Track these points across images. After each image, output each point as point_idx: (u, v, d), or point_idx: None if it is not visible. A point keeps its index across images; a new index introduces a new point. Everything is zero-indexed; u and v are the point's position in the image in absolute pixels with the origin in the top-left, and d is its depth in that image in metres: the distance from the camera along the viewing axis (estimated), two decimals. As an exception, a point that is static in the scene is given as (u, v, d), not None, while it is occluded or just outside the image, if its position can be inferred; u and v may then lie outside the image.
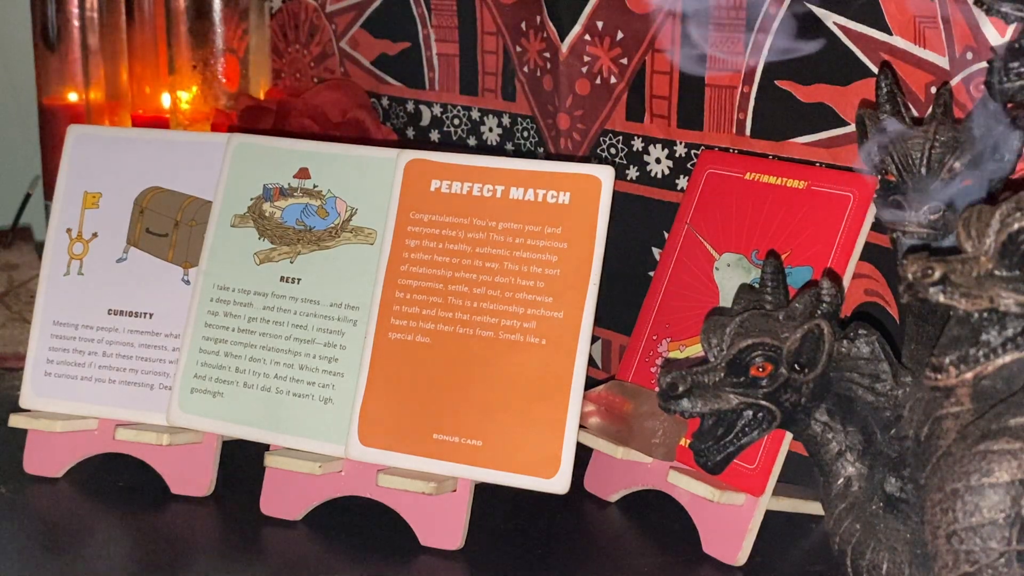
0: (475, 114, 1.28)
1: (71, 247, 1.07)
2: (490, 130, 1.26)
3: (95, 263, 1.06)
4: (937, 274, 0.68)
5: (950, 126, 0.82)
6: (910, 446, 0.76)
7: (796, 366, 0.79)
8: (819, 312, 0.81)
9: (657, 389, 0.81)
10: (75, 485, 1.04)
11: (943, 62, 0.89)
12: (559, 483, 0.90)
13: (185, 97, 1.44)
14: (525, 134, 1.22)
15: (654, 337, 1.00)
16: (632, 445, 0.96)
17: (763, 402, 0.80)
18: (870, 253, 0.93)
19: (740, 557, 0.90)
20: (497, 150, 1.26)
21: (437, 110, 1.32)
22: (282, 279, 1.00)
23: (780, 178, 0.96)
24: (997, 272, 0.68)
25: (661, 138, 1.10)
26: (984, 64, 0.83)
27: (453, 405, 0.93)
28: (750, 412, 0.80)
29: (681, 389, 0.79)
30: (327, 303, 0.98)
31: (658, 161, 1.11)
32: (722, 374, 0.80)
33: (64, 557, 0.92)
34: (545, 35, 1.16)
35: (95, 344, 1.04)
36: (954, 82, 0.88)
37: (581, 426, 0.93)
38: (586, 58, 1.14)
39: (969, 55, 0.87)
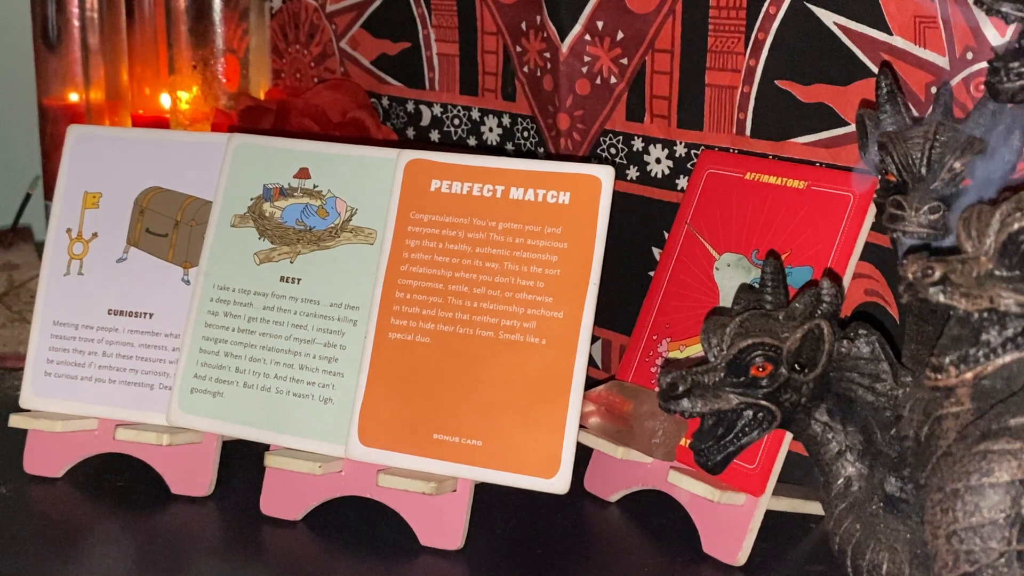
0: (475, 114, 1.28)
1: (71, 247, 1.07)
2: (490, 130, 1.27)
3: (95, 263, 1.06)
4: (937, 274, 0.68)
5: (950, 126, 0.82)
6: (910, 446, 0.76)
7: (796, 366, 0.79)
8: (819, 312, 0.81)
9: (657, 389, 0.81)
10: (75, 485, 1.04)
11: (943, 62, 0.89)
12: (559, 483, 0.90)
13: (185, 97, 1.44)
14: (525, 134, 1.22)
15: (654, 337, 1.00)
16: (632, 445, 0.96)
17: (763, 402, 0.80)
18: (870, 253, 0.93)
19: (740, 557, 0.90)
20: (497, 150, 1.26)
21: (437, 110, 1.32)
22: (282, 279, 1.00)
23: (780, 178, 0.96)
24: (997, 272, 0.68)
25: (661, 138, 1.10)
26: (984, 64, 0.84)
27: (453, 405, 0.93)
28: (750, 412, 0.80)
29: (681, 389, 0.79)
30: (327, 303, 0.98)
31: (658, 161, 1.11)
32: (722, 374, 0.80)
33: (64, 557, 0.92)
34: (545, 35, 1.16)
35: (95, 344, 1.04)
36: (954, 82, 0.88)
37: (581, 426, 0.93)
38: (586, 58, 1.14)
39: (969, 55, 0.87)
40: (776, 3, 0.99)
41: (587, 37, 1.13)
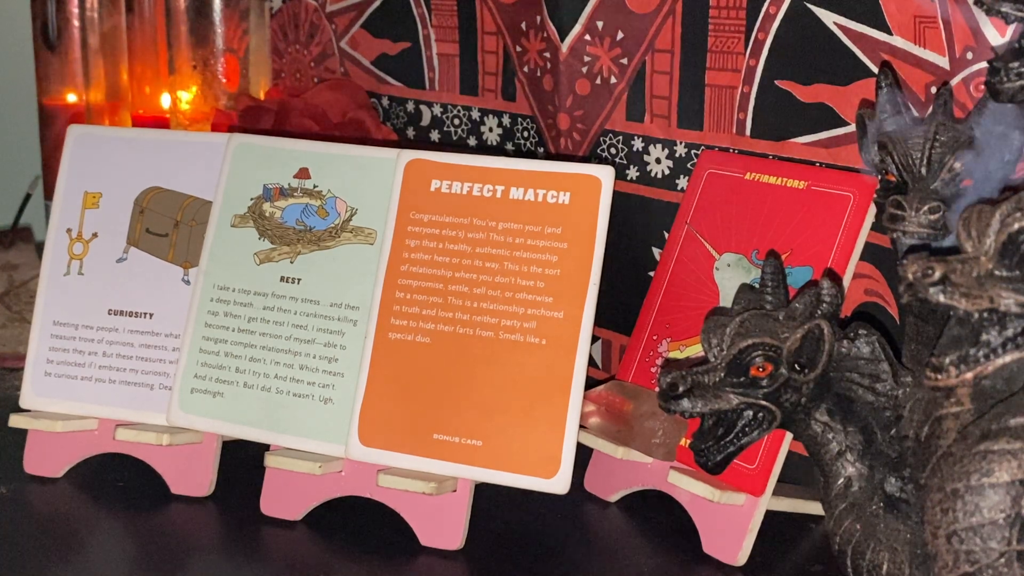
0: (475, 114, 1.28)
1: (71, 247, 1.07)
2: (490, 130, 1.26)
3: (95, 263, 1.06)
4: (937, 274, 0.68)
5: (950, 126, 0.82)
6: (910, 446, 0.76)
7: (796, 366, 0.79)
8: (819, 312, 0.81)
9: (657, 389, 0.81)
10: (75, 485, 1.04)
11: (943, 62, 0.89)
12: (559, 483, 0.90)
13: (185, 97, 1.44)
14: (525, 134, 1.22)
15: (654, 337, 1.00)
16: (632, 445, 0.96)
17: (763, 402, 0.80)
18: (870, 253, 0.93)
19: (740, 557, 0.90)
20: (497, 150, 1.26)
21: (437, 110, 1.32)
22: (282, 279, 1.00)
23: (780, 178, 0.96)
24: (997, 272, 0.68)
25: (661, 138, 1.10)
26: (984, 64, 0.84)
27: (453, 405, 0.93)
28: (750, 412, 0.80)
29: (681, 389, 0.79)
30: (327, 303, 0.98)
31: (658, 161, 1.11)
32: (722, 374, 0.80)
33: (64, 557, 0.92)
34: (545, 35, 1.16)
35: (95, 344, 1.04)
36: (954, 82, 0.88)
37: (581, 426, 0.93)
38: (586, 58, 1.14)
39: (969, 55, 0.87)
40: (776, 3, 0.99)
41: (587, 37, 1.13)
